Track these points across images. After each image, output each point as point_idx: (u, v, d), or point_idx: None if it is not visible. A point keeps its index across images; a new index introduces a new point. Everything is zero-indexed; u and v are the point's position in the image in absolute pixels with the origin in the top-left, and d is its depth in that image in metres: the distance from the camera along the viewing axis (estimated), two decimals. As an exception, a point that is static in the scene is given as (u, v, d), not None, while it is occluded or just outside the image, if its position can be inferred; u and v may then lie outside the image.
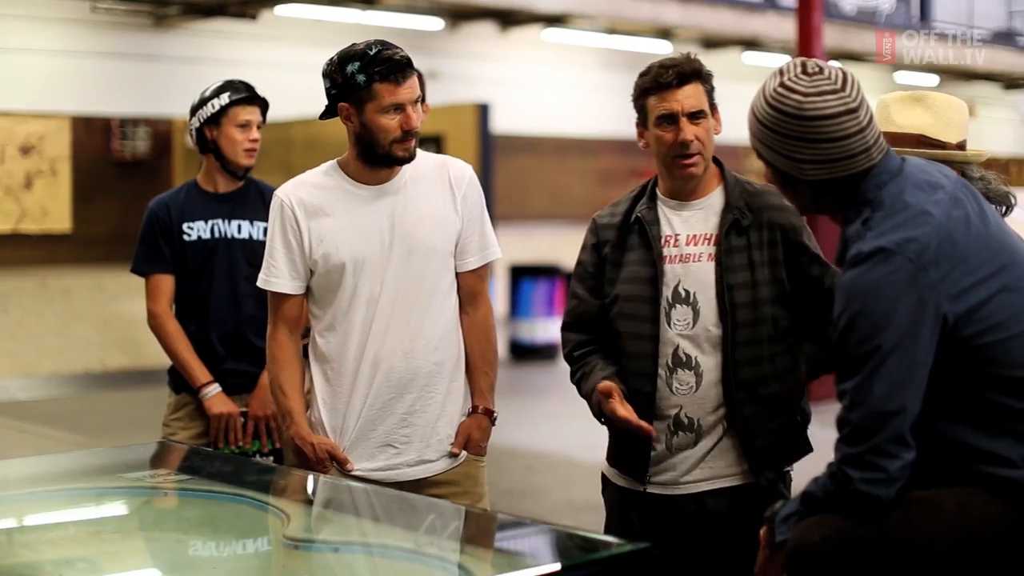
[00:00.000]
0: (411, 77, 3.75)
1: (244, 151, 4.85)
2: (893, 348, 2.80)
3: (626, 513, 3.74)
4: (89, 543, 3.32)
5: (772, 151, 2.98)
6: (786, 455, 3.67)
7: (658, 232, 3.66)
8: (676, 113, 3.57)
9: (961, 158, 3.54)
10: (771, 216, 3.59)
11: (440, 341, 3.87)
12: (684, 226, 3.66)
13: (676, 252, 3.64)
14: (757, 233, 3.58)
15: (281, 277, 3.89)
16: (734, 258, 3.57)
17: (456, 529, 3.32)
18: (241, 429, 4.85)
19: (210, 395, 4.81)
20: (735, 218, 3.58)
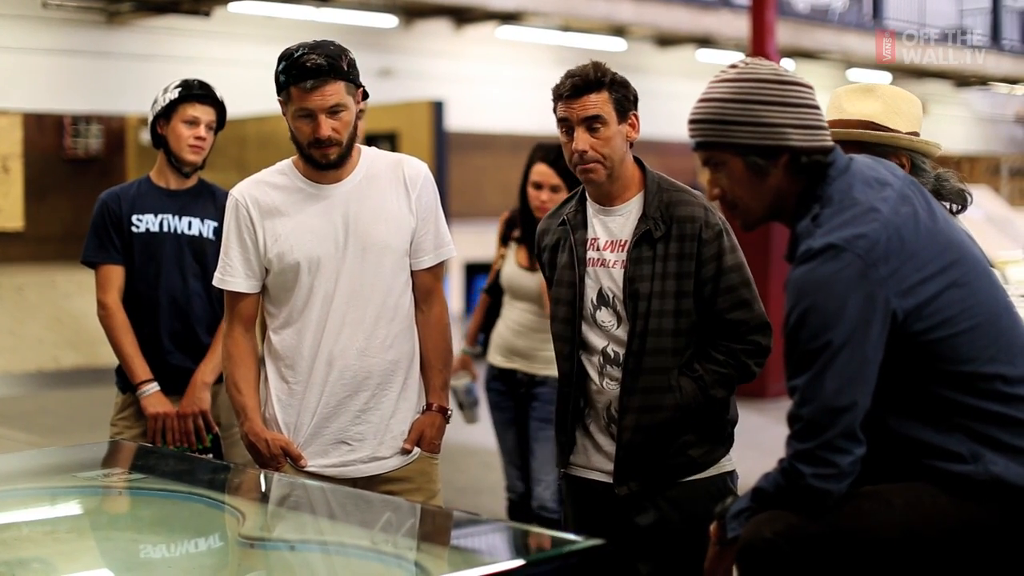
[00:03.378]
0: (325, 85, 3.72)
1: (189, 147, 4.83)
2: (843, 344, 2.82)
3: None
4: (43, 543, 3.31)
5: (747, 127, 2.96)
6: (662, 472, 3.65)
7: (582, 236, 3.70)
8: (571, 121, 3.62)
9: (907, 143, 3.57)
10: (690, 229, 3.59)
11: (395, 339, 3.88)
12: (604, 231, 3.70)
13: (597, 256, 3.69)
14: (669, 244, 3.58)
15: (236, 276, 3.89)
16: (642, 268, 3.59)
17: (412, 526, 3.33)
18: (178, 429, 4.80)
19: (147, 394, 4.78)
20: (647, 229, 3.60)
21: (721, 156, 3.03)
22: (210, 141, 4.90)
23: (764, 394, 10.36)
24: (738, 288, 3.58)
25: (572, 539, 2.89)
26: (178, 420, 4.81)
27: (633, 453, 3.61)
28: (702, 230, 3.57)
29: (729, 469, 3.71)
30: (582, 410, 3.72)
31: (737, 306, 3.57)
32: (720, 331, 3.58)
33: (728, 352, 3.57)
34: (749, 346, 3.57)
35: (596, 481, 3.72)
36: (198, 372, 4.83)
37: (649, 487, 3.64)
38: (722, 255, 3.57)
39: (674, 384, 3.57)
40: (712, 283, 3.56)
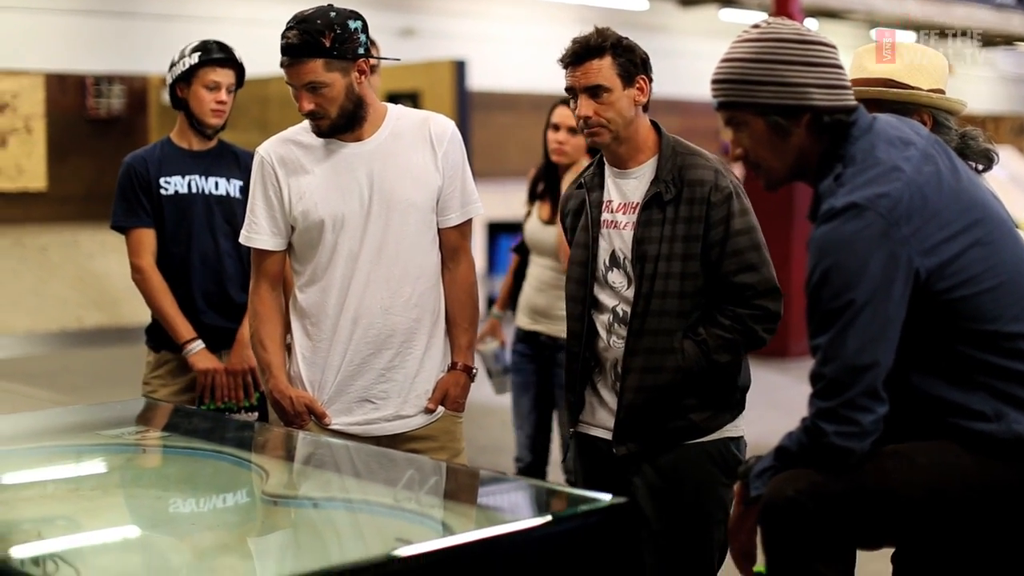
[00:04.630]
0: (298, 64, 3.75)
1: (211, 111, 4.85)
2: (866, 303, 2.82)
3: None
4: (68, 500, 3.33)
5: (769, 87, 2.96)
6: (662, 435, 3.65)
7: (598, 198, 3.72)
8: (575, 88, 3.65)
9: (928, 100, 3.55)
10: (700, 192, 3.58)
11: (420, 298, 3.88)
12: (618, 193, 3.70)
13: (610, 218, 3.70)
14: (679, 207, 3.58)
15: (262, 233, 3.90)
16: (650, 230, 3.59)
17: (436, 484, 3.34)
18: (225, 384, 4.85)
19: (194, 351, 4.81)
20: (657, 191, 3.60)
21: (743, 116, 3.03)
22: (231, 103, 4.90)
23: (786, 354, 10.35)
24: (745, 252, 3.56)
25: (595, 497, 2.90)
26: (229, 377, 4.85)
27: (633, 414, 3.62)
28: (711, 193, 3.57)
29: (735, 435, 3.70)
30: (591, 369, 3.73)
31: (744, 270, 3.56)
32: (727, 295, 3.58)
33: (734, 317, 3.56)
34: (756, 311, 3.56)
35: (601, 439, 3.73)
36: (243, 329, 4.85)
37: (648, 448, 3.65)
38: (731, 218, 3.56)
39: (677, 347, 3.57)
40: (719, 246, 3.56)
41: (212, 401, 4.84)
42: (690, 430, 3.62)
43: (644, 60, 3.68)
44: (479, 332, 5.84)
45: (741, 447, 3.70)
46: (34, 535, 2.94)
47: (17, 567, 2.56)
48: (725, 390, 3.66)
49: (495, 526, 2.89)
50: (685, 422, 3.62)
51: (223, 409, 4.83)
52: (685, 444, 3.63)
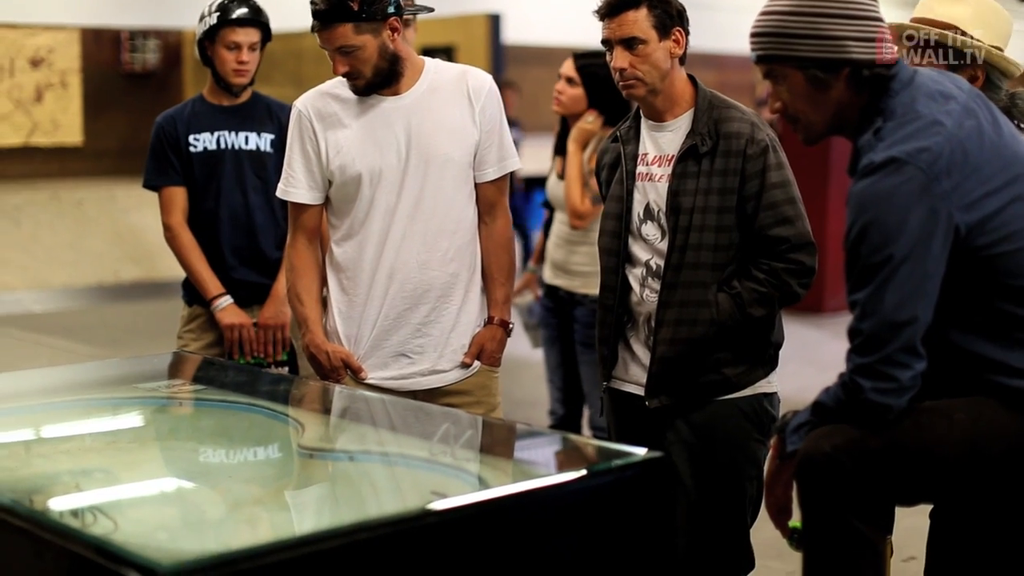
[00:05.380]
0: (327, 29, 3.76)
1: (232, 71, 4.86)
2: (905, 258, 2.80)
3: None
4: (105, 453, 3.35)
5: (808, 40, 2.93)
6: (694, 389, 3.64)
7: (633, 151, 3.70)
8: (611, 41, 3.64)
9: (986, 54, 3.52)
10: (736, 145, 3.56)
11: (456, 252, 3.88)
12: (654, 146, 3.69)
13: (645, 170, 3.69)
14: (714, 160, 3.57)
15: (299, 187, 3.91)
16: (686, 183, 3.57)
17: (471, 438, 3.35)
18: (255, 339, 4.88)
19: (222, 307, 4.84)
20: (692, 144, 3.58)
21: (782, 70, 3.00)
22: (254, 61, 4.90)
23: (820, 309, 10.31)
24: (781, 205, 3.54)
25: (631, 451, 2.90)
26: (260, 331, 4.87)
27: (666, 367, 3.61)
28: (747, 146, 3.55)
29: (768, 391, 3.68)
30: (624, 323, 3.73)
31: (779, 223, 3.53)
32: (762, 249, 3.56)
33: (769, 271, 3.54)
34: (792, 265, 3.54)
35: (633, 395, 3.72)
36: (278, 285, 4.87)
37: (680, 403, 3.64)
38: (766, 171, 3.54)
39: (711, 299, 3.55)
40: (755, 199, 3.54)
41: (241, 356, 4.86)
42: (723, 385, 3.62)
43: (680, 12, 3.66)
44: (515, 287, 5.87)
45: (774, 403, 3.69)
46: (72, 487, 2.95)
47: (56, 519, 2.58)
48: (759, 345, 3.65)
49: (530, 480, 2.89)
50: (718, 377, 3.61)
51: (253, 364, 4.86)
52: (718, 399, 3.63)
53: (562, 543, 2.67)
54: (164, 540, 2.53)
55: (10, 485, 2.87)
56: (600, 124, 5.42)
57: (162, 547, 2.41)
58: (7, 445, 3.40)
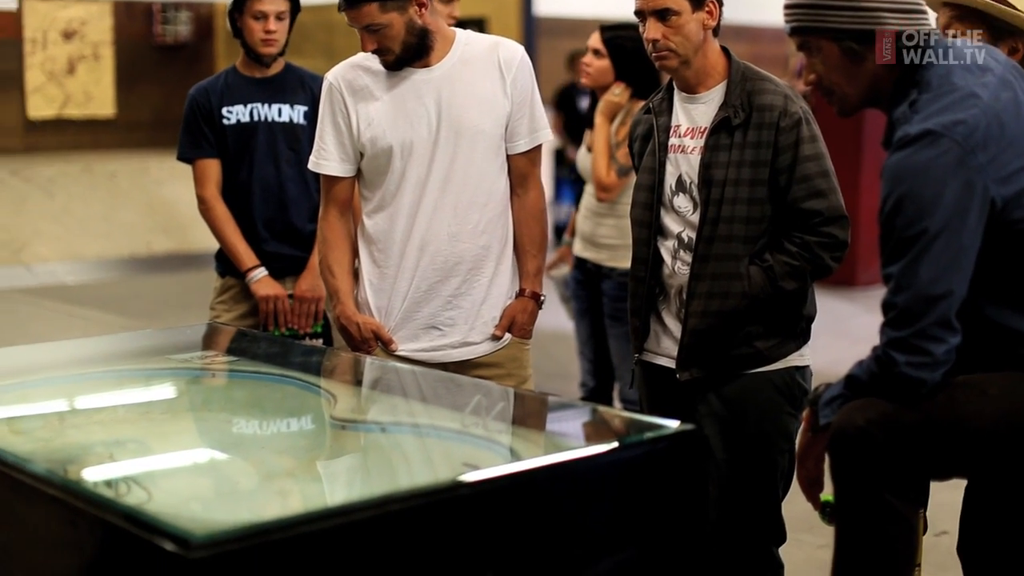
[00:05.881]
0: (353, 9, 3.75)
1: (260, 41, 4.86)
2: (940, 231, 2.78)
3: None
4: (139, 424, 3.37)
5: (843, 11, 2.91)
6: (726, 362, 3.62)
7: (665, 123, 3.69)
8: (644, 12, 3.61)
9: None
10: (769, 117, 3.54)
11: (488, 224, 3.88)
12: (687, 118, 3.67)
13: (678, 142, 3.67)
14: (747, 132, 3.54)
15: (331, 159, 3.91)
16: (718, 155, 3.55)
17: (503, 410, 3.35)
18: (289, 311, 4.89)
19: (256, 278, 4.85)
20: (725, 116, 3.56)
21: (816, 41, 2.99)
22: (283, 30, 4.89)
23: (853, 283, 10.27)
24: (814, 178, 3.52)
25: (663, 423, 2.89)
26: (296, 303, 4.89)
27: (698, 339, 3.60)
28: (780, 118, 3.52)
29: (801, 364, 3.67)
30: (656, 296, 3.72)
31: (812, 196, 3.51)
32: (794, 222, 3.54)
33: (802, 244, 3.52)
34: (824, 238, 3.52)
35: (665, 367, 3.72)
36: (314, 257, 4.88)
37: (712, 375, 3.63)
38: (799, 144, 3.52)
39: (743, 272, 3.54)
40: (788, 172, 3.52)
41: (276, 328, 4.87)
42: (755, 358, 3.61)
43: None
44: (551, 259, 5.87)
45: (807, 376, 3.68)
46: (106, 457, 2.97)
47: (90, 489, 2.59)
48: (791, 318, 3.63)
49: (562, 452, 2.89)
50: (750, 350, 3.60)
51: (287, 336, 4.87)
52: (750, 372, 3.62)
53: (594, 515, 2.67)
54: (197, 510, 2.54)
55: (45, 455, 2.89)
56: (628, 96, 5.41)
57: (195, 517, 2.42)
58: (41, 416, 3.42)
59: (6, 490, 2.73)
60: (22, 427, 3.25)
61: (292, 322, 4.90)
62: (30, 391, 3.65)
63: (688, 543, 2.84)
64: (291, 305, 4.90)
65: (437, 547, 2.43)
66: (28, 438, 3.11)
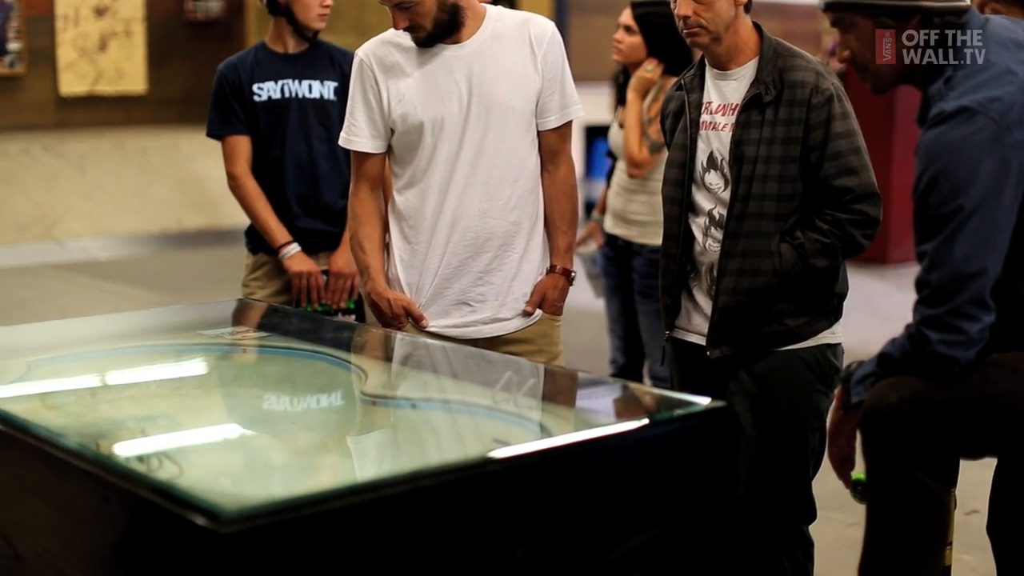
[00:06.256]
0: None
1: (318, 16, 4.86)
2: (975, 209, 2.76)
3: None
4: (170, 399, 3.38)
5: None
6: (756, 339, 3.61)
7: (697, 99, 3.67)
8: None
9: None
10: (800, 94, 3.52)
11: (518, 201, 3.87)
12: (718, 95, 3.65)
13: (709, 119, 3.66)
14: (778, 109, 3.52)
15: (361, 136, 3.91)
16: (749, 132, 3.54)
17: (534, 386, 3.35)
18: (322, 287, 4.90)
19: (290, 254, 4.85)
20: (757, 92, 3.54)
21: (851, 17, 2.97)
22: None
23: (885, 260, 10.23)
24: (846, 155, 3.50)
25: (693, 400, 2.89)
26: (332, 279, 4.89)
27: (728, 316, 3.59)
28: (812, 95, 3.50)
29: (832, 342, 3.65)
30: (687, 273, 3.71)
31: (844, 173, 3.49)
32: (826, 199, 3.52)
33: (833, 222, 3.50)
34: (856, 216, 3.50)
35: (696, 344, 3.71)
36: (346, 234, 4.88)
37: (742, 353, 3.62)
38: (831, 121, 3.50)
39: (774, 250, 3.52)
40: (819, 149, 3.50)
41: (308, 304, 4.88)
42: (786, 336, 3.59)
43: None
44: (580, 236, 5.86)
45: (838, 354, 3.67)
46: (137, 432, 2.98)
47: (121, 463, 2.60)
48: (822, 296, 3.62)
49: (592, 428, 2.89)
50: (781, 327, 3.58)
51: (320, 312, 4.87)
52: (781, 350, 3.60)
53: (624, 492, 2.67)
54: (228, 485, 2.55)
55: (77, 430, 2.90)
56: (660, 72, 5.39)
57: (226, 492, 2.43)
58: (74, 391, 3.43)
59: (39, 464, 2.74)
60: (55, 402, 3.27)
61: (325, 298, 4.91)
62: (62, 366, 3.66)
63: (718, 520, 2.84)
64: (325, 281, 4.91)
65: (467, 523, 2.44)
66: (60, 413, 3.12)
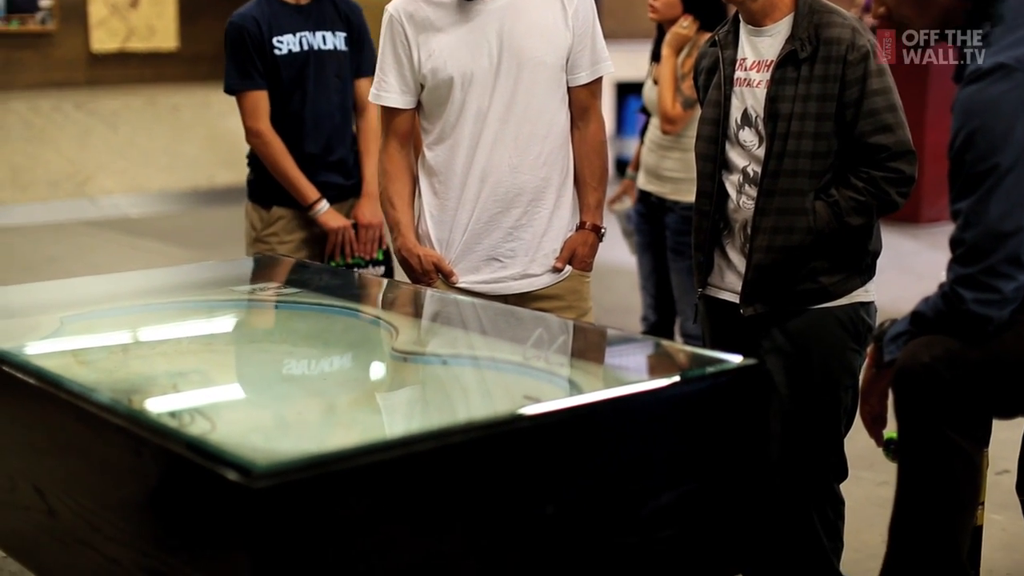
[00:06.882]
0: None
1: None
2: (1011, 167, 2.74)
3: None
4: (201, 355, 3.39)
5: None
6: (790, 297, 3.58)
7: (731, 56, 3.65)
8: None
9: None
10: (836, 51, 3.49)
11: (548, 156, 3.86)
12: (753, 51, 3.62)
13: (743, 76, 3.62)
14: (814, 66, 3.49)
15: (392, 91, 3.89)
16: (784, 88, 3.51)
17: (564, 343, 3.34)
18: (356, 240, 4.88)
19: (323, 211, 4.82)
20: (792, 49, 3.51)
21: (886, -29, 2.94)
22: None
23: (917, 219, 10.17)
24: (881, 112, 3.47)
25: (725, 358, 2.88)
26: (361, 231, 4.88)
27: (762, 274, 3.57)
28: (848, 52, 3.47)
29: (865, 300, 3.63)
30: (720, 230, 3.69)
31: (879, 130, 3.46)
32: (861, 157, 3.49)
33: (868, 179, 3.48)
34: (891, 174, 3.47)
35: (729, 302, 3.69)
36: (368, 185, 4.87)
37: (776, 311, 3.60)
38: (867, 78, 3.47)
39: (808, 207, 3.50)
40: (855, 106, 3.47)
41: (342, 257, 4.87)
42: (820, 293, 3.58)
43: None
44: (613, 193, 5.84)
45: (871, 312, 3.65)
46: (169, 388, 2.99)
47: (154, 418, 2.62)
48: (856, 254, 3.59)
49: (623, 385, 2.88)
50: (815, 285, 3.57)
51: (351, 265, 4.87)
52: (814, 308, 3.59)
53: (655, 449, 2.67)
54: (259, 440, 2.56)
55: (109, 385, 2.91)
56: (695, 29, 5.37)
57: (257, 447, 2.44)
58: (106, 347, 3.45)
59: (71, 419, 2.75)
60: (87, 358, 3.28)
61: (358, 250, 4.89)
62: (94, 322, 3.68)
63: (749, 478, 2.83)
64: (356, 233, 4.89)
65: (497, 479, 2.44)
66: (93, 368, 3.14)
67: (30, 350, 3.31)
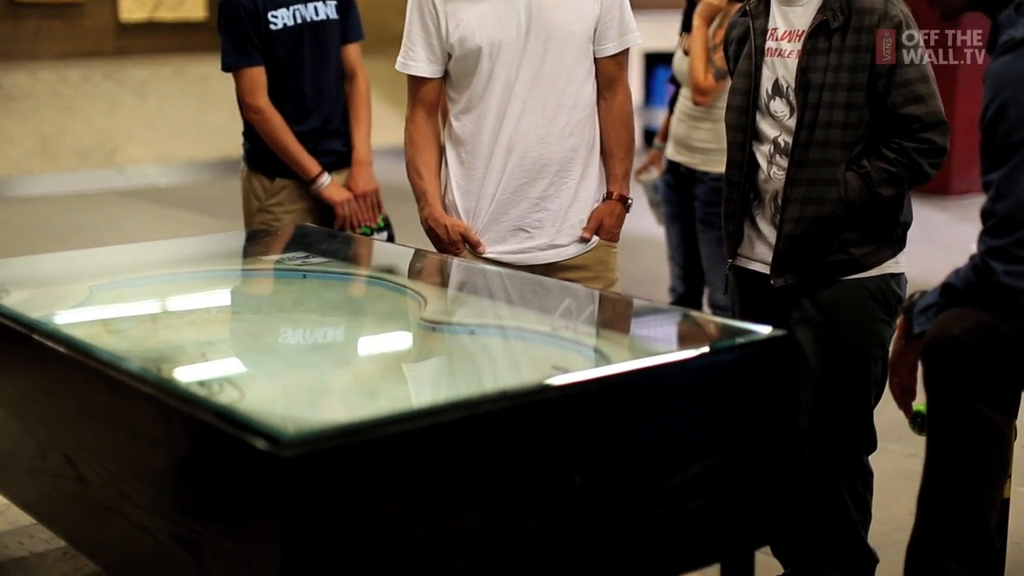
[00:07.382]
0: None
1: None
2: (1043, 138, 2.71)
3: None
4: (230, 324, 3.40)
5: None
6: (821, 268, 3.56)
7: (762, 26, 3.62)
8: None
9: None
10: (868, 21, 3.46)
11: (575, 127, 3.85)
12: (784, 21, 3.59)
13: (774, 46, 3.60)
14: (846, 36, 3.47)
15: (419, 60, 3.88)
16: (816, 59, 3.48)
17: (591, 313, 3.34)
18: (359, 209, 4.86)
19: (326, 184, 4.76)
20: (824, 19, 3.49)
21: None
22: None
23: (947, 191, 10.13)
24: (914, 83, 3.45)
25: (754, 329, 2.87)
26: (360, 200, 4.85)
27: (793, 244, 3.56)
28: (880, 22, 3.45)
29: (896, 272, 3.61)
30: (750, 201, 3.68)
31: (911, 101, 3.44)
32: (893, 128, 3.47)
33: (900, 150, 3.46)
34: (923, 144, 3.45)
35: (759, 273, 3.68)
36: (359, 153, 4.84)
37: (806, 282, 3.59)
38: (899, 48, 3.45)
39: (840, 178, 3.48)
40: (887, 77, 3.45)
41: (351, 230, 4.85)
42: (850, 265, 3.56)
43: None
44: (641, 163, 5.82)
45: (902, 284, 3.63)
46: (198, 357, 3.01)
47: (183, 387, 2.62)
48: (887, 225, 3.58)
49: (652, 356, 2.87)
50: (845, 256, 3.55)
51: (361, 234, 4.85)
52: (845, 279, 3.57)
53: (683, 420, 2.67)
54: (288, 409, 2.56)
55: (139, 354, 2.93)
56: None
57: (286, 416, 2.45)
58: (135, 316, 3.46)
59: (101, 388, 2.77)
60: (116, 326, 3.30)
61: (364, 219, 4.86)
62: (124, 291, 3.70)
63: (777, 450, 2.83)
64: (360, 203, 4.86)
65: (524, 449, 2.44)
66: (122, 337, 3.15)
67: (60, 319, 3.33)
